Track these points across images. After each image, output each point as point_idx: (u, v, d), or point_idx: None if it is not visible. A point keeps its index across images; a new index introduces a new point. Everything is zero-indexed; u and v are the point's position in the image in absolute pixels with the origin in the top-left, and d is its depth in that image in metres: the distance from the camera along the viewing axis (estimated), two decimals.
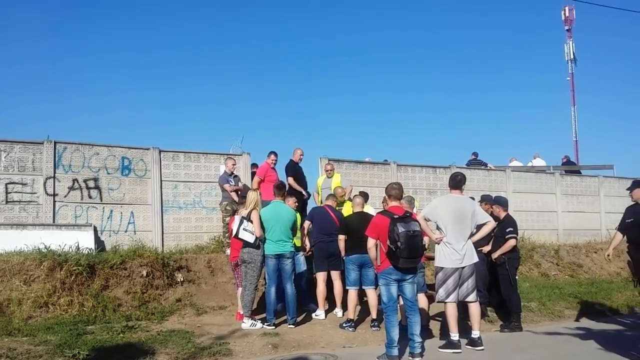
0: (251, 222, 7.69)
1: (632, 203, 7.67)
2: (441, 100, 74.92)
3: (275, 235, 7.80)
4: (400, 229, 5.92)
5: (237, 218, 7.89)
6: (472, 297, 6.68)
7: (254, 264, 7.70)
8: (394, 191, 6.51)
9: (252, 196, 7.95)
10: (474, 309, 6.74)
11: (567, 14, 37.57)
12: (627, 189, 7.73)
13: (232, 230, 7.99)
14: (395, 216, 6.11)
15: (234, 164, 10.45)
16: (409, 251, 5.92)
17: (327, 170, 10.89)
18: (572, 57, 37.35)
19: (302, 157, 11.08)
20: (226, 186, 10.03)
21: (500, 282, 8.31)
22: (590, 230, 16.35)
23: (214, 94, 75.17)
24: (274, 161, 10.60)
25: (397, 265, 6.04)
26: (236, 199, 9.82)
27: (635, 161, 54.65)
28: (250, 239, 7.66)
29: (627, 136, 65.02)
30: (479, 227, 6.83)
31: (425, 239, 7.15)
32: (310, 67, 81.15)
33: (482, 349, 6.59)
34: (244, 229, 7.70)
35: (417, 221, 6.28)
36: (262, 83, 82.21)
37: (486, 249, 8.26)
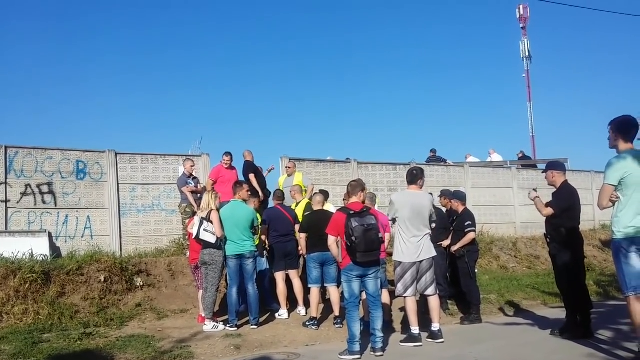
0: (211, 222, 7.61)
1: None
2: (400, 98, 75.76)
3: (236, 235, 7.73)
4: (354, 223, 5.99)
5: (196, 219, 7.77)
6: (430, 290, 6.74)
7: (215, 265, 7.62)
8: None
9: (209, 196, 7.87)
10: (434, 302, 6.80)
11: (521, 12, 38.52)
12: (543, 172, 7.19)
13: (190, 233, 7.89)
14: (351, 212, 6.17)
15: (192, 166, 10.33)
16: (365, 244, 5.97)
17: (288, 168, 10.89)
18: (527, 54, 38.30)
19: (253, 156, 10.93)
20: (184, 188, 9.91)
21: (460, 275, 8.43)
22: None
23: (171, 98, 74.14)
24: (227, 162, 10.33)
25: (356, 261, 6.08)
26: (193, 201, 9.70)
27: (588, 154, 56.30)
28: (212, 239, 7.57)
29: (581, 130, 66.94)
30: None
31: (387, 235, 7.20)
32: (265, 68, 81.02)
33: (443, 341, 6.66)
34: (204, 229, 7.59)
35: (374, 215, 6.34)
36: (223, 85, 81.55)
37: (445, 243, 8.39)
